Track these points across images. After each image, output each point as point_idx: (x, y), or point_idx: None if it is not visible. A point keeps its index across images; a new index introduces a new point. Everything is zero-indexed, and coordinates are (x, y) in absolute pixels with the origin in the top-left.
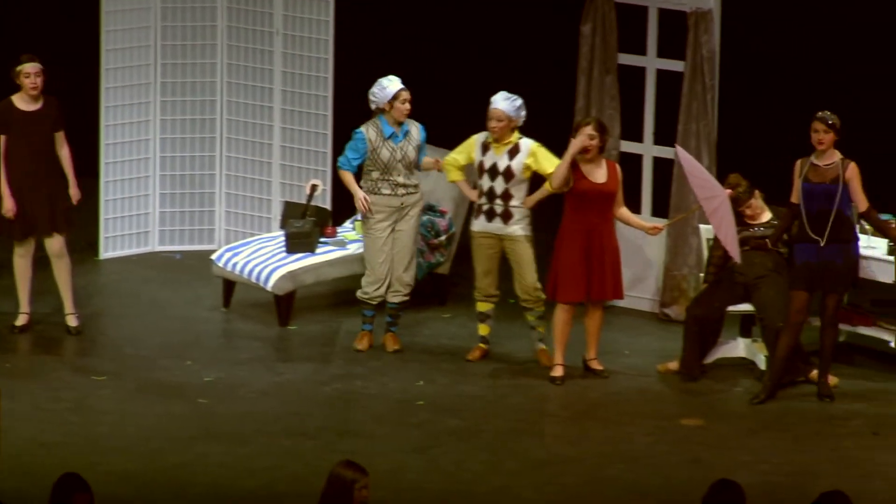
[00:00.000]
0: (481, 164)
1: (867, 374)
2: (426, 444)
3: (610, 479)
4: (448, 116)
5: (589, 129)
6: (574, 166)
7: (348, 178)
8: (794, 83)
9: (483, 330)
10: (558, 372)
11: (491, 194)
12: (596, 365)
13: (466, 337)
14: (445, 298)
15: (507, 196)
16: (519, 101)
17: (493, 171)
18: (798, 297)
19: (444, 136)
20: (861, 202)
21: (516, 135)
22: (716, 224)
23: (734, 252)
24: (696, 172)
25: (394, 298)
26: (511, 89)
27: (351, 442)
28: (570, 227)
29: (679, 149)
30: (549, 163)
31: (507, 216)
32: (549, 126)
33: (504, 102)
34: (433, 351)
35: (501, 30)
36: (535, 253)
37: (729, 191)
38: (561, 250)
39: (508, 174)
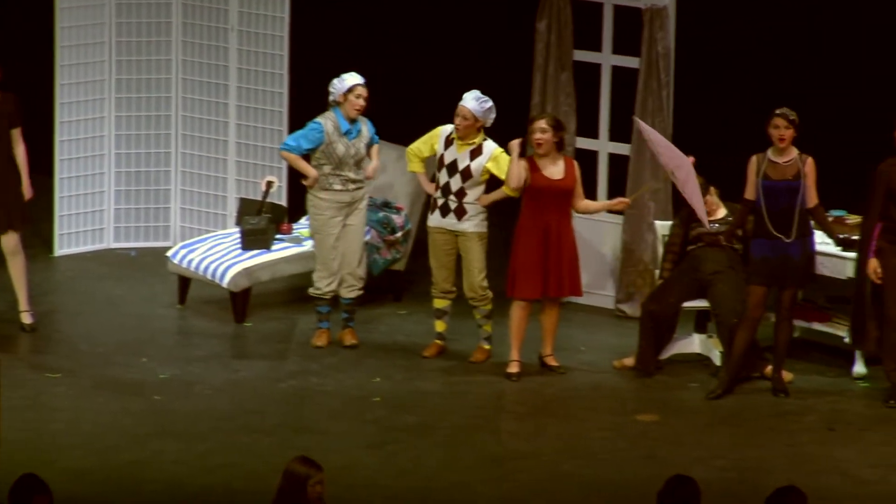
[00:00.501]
0: (442, 158)
1: (822, 370)
2: (382, 440)
3: (566, 474)
4: (403, 113)
5: (541, 124)
6: (530, 163)
7: (294, 157)
8: (750, 79)
9: (439, 326)
10: (514, 368)
11: (446, 190)
12: (552, 361)
13: (423, 333)
14: (401, 295)
15: (461, 194)
16: (489, 104)
17: (452, 168)
18: (755, 292)
19: (397, 132)
20: (812, 197)
21: (481, 136)
22: (688, 194)
23: (704, 219)
24: (660, 143)
25: (349, 294)
26: (467, 86)
27: (306, 438)
28: (527, 224)
29: (639, 121)
30: (500, 168)
31: (460, 213)
32: (505, 122)
33: (473, 102)
34: (389, 348)
35: (458, 26)
36: (486, 251)
37: (692, 158)
38: (518, 247)
39: (466, 174)
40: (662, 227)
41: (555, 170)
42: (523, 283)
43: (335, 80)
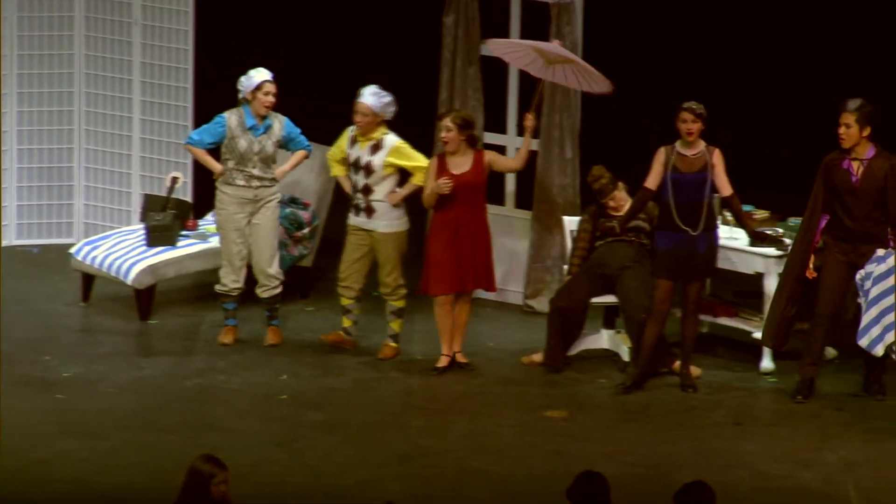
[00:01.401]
0: (347, 158)
1: (729, 365)
2: (289, 437)
3: (474, 471)
4: (314, 108)
5: (446, 122)
6: (440, 160)
7: (199, 152)
8: (658, 73)
9: (345, 322)
10: (441, 363)
11: (355, 188)
12: (461, 358)
13: (330, 330)
14: (308, 292)
15: (367, 191)
16: (387, 98)
17: (357, 165)
18: (662, 285)
19: (303, 128)
20: (725, 187)
21: (382, 130)
22: (564, 77)
23: (604, 86)
24: (517, 53)
25: (263, 294)
26: (374, 80)
27: (213, 436)
28: (439, 220)
29: (489, 43)
30: (410, 160)
31: (369, 211)
32: (412, 118)
33: (371, 97)
34: (296, 344)
35: (365, 20)
36: (402, 250)
37: (557, 41)
38: (431, 244)
39: (368, 169)
40: (570, 222)
41: (462, 165)
42: (437, 280)
43: (243, 78)
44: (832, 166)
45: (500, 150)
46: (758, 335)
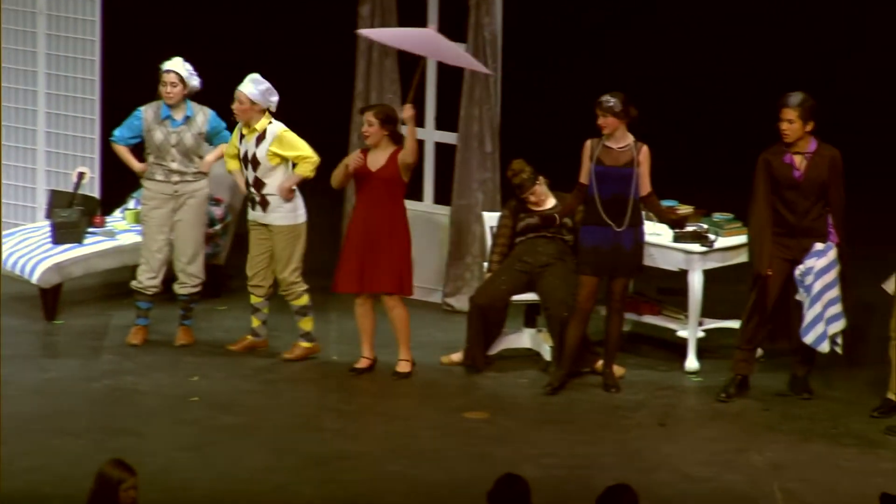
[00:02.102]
0: (238, 152)
1: (653, 364)
2: (201, 441)
3: (392, 475)
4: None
5: (368, 116)
6: (364, 154)
7: (121, 150)
8: (579, 65)
9: (254, 322)
10: (359, 364)
11: (248, 183)
12: (404, 367)
13: (243, 330)
14: (220, 290)
15: (258, 184)
16: (265, 86)
17: (245, 159)
18: (586, 283)
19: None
20: (645, 186)
21: (265, 121)
22: (447, 56)
23: (479, 65)
24: (396, 38)
25: (182, 290)
26: (289, 73)
27: (121, 440)
28: (354, 217)
29: (363, 33)
30: (293, 149)
31: (264, 204)
32: (329, 111)
33: (249, 85)
34: (208, 345)
35: (278, 12)
36: (299, 244)
37: (432, 26)
38: (344, 240)
39: (255, 162)
40: (490, 217)
41: (378, 160)
42: (343, 278)
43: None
44: (772, 161)
45: (419, 144)
46: (683, 333)
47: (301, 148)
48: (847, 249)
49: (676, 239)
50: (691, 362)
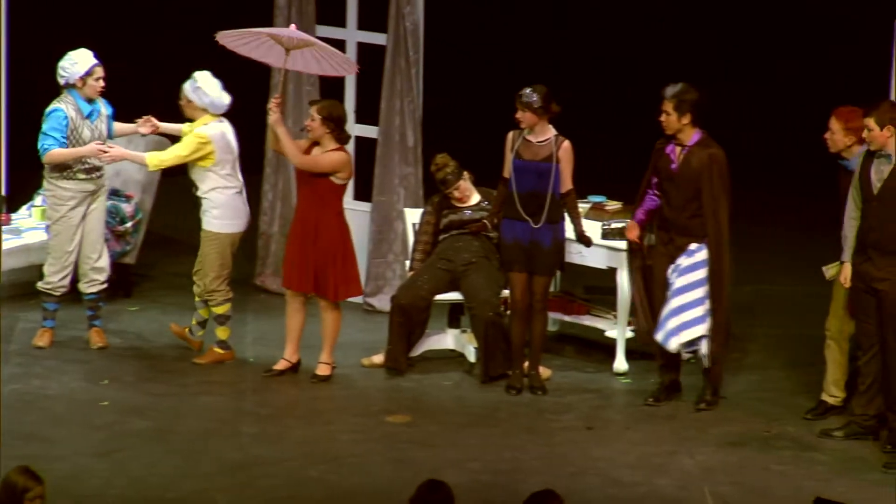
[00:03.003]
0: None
1: (581, 366)
2: (112, 447)
3: (311, 480)
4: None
5: (311, 110)
6: (309, 147)
7: (65, 151)
8: (503, 57)
9: (193, 320)
10: (277, 365)
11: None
12: (324, 370)
13: (155, 332)
14: (131, 290)
15: (193, 184)
16: (197, 84)
17: None
18: (517, 279)
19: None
20: (565, 182)
21: (202, 122)
22: (304, 64)
23: (348, 67)
24: (252, 43)
25: (91, 288)
26: (204, 65)
27: (29, 446)
28: (296, 213)
29: (218, 36)
30: (176, 147)
31: (198, 206)
32: (247, 104)
33: (188, 82)
34: (119, 347)
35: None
36: (223, 252)
37: (293, 25)
38: (288, 235)
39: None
40: (413, 214)
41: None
42: (285, 273)
43: (65, 63)
44: (660, 151)
45: None
46: (611, 333)
47: (178, 146)
48: (723, 254)
49: (604, 236)
50: (620, 363)
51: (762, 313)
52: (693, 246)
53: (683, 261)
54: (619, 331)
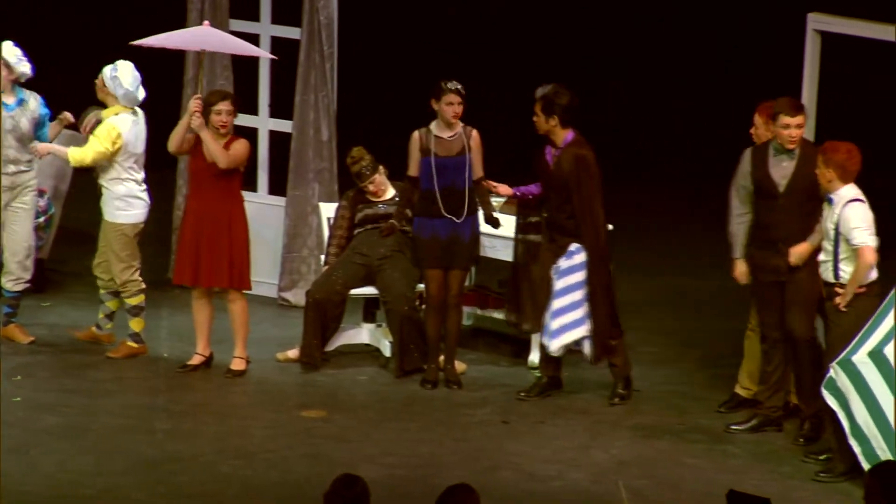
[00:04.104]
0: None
1: (495, 360)
2: (24, 444)
3: (225, 476)
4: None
5: (227, 105)
6: (198, 143)
7: None
8: (417, 51)
9: (100, 314)
10: (193, 360)
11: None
12: (238, 365)
13: (68, 327)
14: (44, 285)
15: (96, 174)
16: (115, 74)
17: None
18: (433, 276)
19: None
20: (477, 171)
21: (112, 111)
22: (225, 46)
23: (261, 51)
24: (170, 41)
25: (16, 287)
26: (116, 56)
27: None
28: (188, 206)
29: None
30: (94, 143)
31: (101, 195)
32: (158, 99)
33: (107, 69)
34: (31, 342)
35: None
36: (129, 242)
37: (206, 22)
38: (180, 230)
39: None
40: (327, 208)
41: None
42: (178, 269)
43: None
44: (541, 150)
45: (251, 132)
46: (526, 327)
47: (94, 141)
48: (602, 256)
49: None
50: (535, 356)
51: (678, 307)
52: (573, 247)
53: (563, 262)
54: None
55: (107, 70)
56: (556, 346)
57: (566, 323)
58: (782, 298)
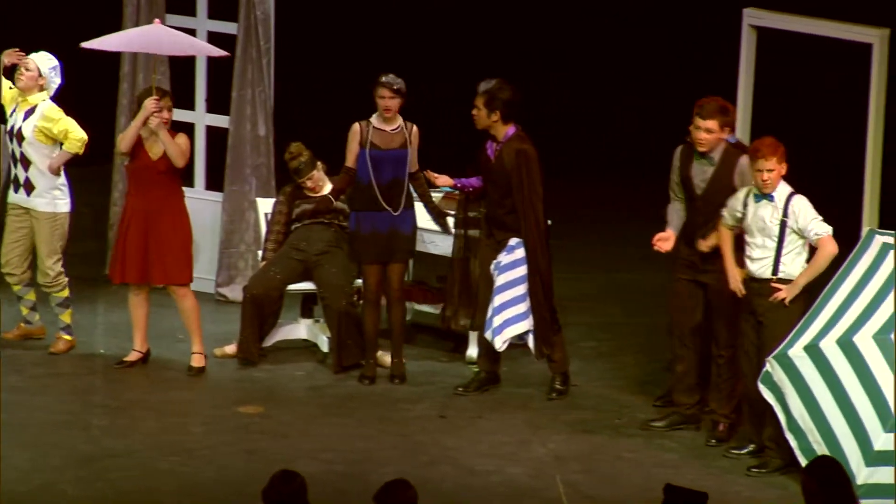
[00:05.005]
0: (6, 125)
1: (433, 355)
2: None
3: (162, 472)
4: None
5: (167, 101)
6: (139, 141)
7: None
8: (355, 46)
9: (23, 310)
10: (131, 357)
11: (14, 158)
12: (198, 361)
13: (4, 323)
14: None
15: (24, 162)
16: (55, 63)
17: (11, 133)
18: (371, 271)
19: None
20: (413, 163)
21: (42, 96)
22: (177, 48)
23: (210, 50)
24: (122, 43)
25: None
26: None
27: None
28: (128, 202)
29: (86, 45)
30: (61, 124)
31: (28, 186)
32: (92, 93)
33: (42, 57)
34: None
35: None
36: (62, 233)
37: (157, 20)
38: (119, 227)
39: (20, 136)
40: (265, 204)
41: (156, 147)
42: (117, 267)
43: None
44: (482, 145)
45: (189, 127)
46: (464, 322)
47: (69, 124)
48: (539, 250)
49: (458, 225)
50: (473, 351)
51: (620, 302)
52: (513, 241)
53: (504, 258)
54: (470, 319)
55: (44, 60)
56: (500, 341)
57: (509, 318)
58: (696, 298)
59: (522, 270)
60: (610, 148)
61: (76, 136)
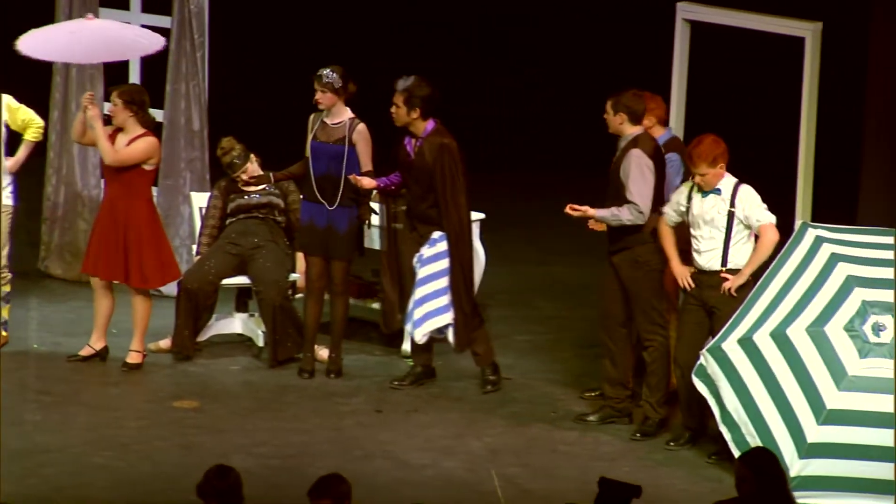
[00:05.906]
0: None
1: (368, 349)
2: None
3: (96, 467)
4: None
5: (113, 96)
6: (114, 133)
7: None
8: (291, 38)
9: None
10: (82, 351)
11: None
12: (133, 358)
13: None
14: None
15: None
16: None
17: None
18: (314, 263)
19: None
20: (364, 164)
21: None
22: (117, 51)
23: (145, 48)
24: (54, 45)
25: None
26: None
27: None
28: (103, 200)
29: (19, 44)
30: (21, 112)
31: None
32: (31, 85)
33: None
34: None
35: None
36: (8, 227)
37: (90, 15)
38: (94, 223)
39: None
40: (199, 198)
41: (122, 144)
42: (90, 259)
43: None
44: (400, 141)
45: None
46: (399, 316)
47: (29, 112)
48: (462, 243)
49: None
50: (408, 346)
51: (554, 294)
52: (436, 235)
53: (426, 251)
54: (406, 314)
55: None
56: (419, 334)
57: (429, 311)
58: (615, 289)
59: (444, 264)
60: (535, 142)
61: (37, 122)
